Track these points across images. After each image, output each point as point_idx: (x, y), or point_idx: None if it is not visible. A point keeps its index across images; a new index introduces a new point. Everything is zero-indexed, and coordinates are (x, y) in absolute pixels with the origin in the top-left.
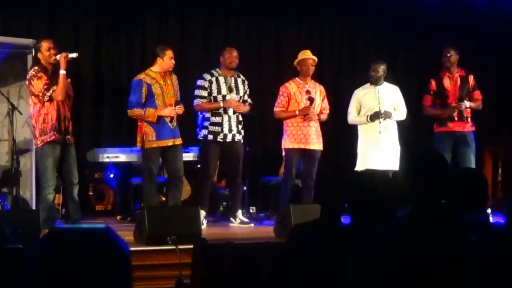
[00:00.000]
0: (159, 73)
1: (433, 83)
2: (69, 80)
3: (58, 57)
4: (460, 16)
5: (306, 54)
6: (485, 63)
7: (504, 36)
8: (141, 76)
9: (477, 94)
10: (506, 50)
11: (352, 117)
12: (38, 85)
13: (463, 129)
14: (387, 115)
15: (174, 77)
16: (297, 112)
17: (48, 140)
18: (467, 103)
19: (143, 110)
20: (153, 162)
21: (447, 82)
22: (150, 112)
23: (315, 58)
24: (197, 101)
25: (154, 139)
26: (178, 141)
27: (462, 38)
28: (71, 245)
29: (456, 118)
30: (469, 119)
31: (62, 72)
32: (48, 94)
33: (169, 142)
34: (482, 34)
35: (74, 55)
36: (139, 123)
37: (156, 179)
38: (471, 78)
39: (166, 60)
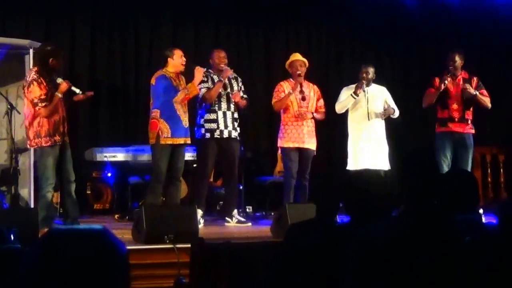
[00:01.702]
0: (174, 73)
1: (437, 80)
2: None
3: (60, 81)
4: (442, 22)
5: (295, 57)
6: (467, 65)
7: (484, 41)
8: (161, 72)
9: (483, 93)
10: (485, 54)
11: (339, 103)
12: (36, 92)
13: (463, 130)
14: (388, 112)
15: (183, 78)
16: (291, 91)
17: (44, 145)
18: (473, 91)
19: (184, 89)
20: (163, 160)
21: (449, 83)
22: (190, 87)
23: (305, 60)
24: (203, 91)
25: (169, 136)
26: (188, 140)
27: (445, 40)
28: (69, 246)
29: (456, 119)
30: (469, 121)
31: (59, 95)
32: (41, 105)
33: (181, 141)
34: (464, 36)
35: (77, 90)
36: (153, 120)
37: (163, 179)
38: (474, 80)
39: (176, 59)
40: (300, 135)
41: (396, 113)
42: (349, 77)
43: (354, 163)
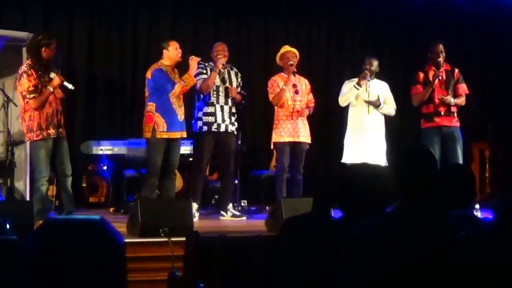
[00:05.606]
0: (169, 66)
1: (421, 75)
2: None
3: (53, 76)
4: (445, 14)
5: (286, 49)
6: (470, 60)
7: (488, 33)
8: (156, 65)
9: (462, 87)
10: (489, 46)
11: (342, 95)
12: (24, 84)
13: (450, 124)
14: (375, 103)
15: (177, 71)
16: (284, 87)
17: (35, 139)
18: (452, 100)
19: (181, 81)
20: (159, 154)
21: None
22: (187, 78)
23: (295, 51)
24: (199, 82)
25: (165, 130)
26: (184, 134)
27: (447, 35)
28: (66, 236)
29: (442, 113)
30: (455, 114)
31: (50, 88)
32: (29, 97)
33: (177, 135)
34: (466, 31)
35: (70, 86)
36: (148, 114)
37: (158, 172)
38: (456, 72)
39: (171, 51)
40: (295, 129)
41: (387, 110)
42: (350, 71)
43: (350, 156)
